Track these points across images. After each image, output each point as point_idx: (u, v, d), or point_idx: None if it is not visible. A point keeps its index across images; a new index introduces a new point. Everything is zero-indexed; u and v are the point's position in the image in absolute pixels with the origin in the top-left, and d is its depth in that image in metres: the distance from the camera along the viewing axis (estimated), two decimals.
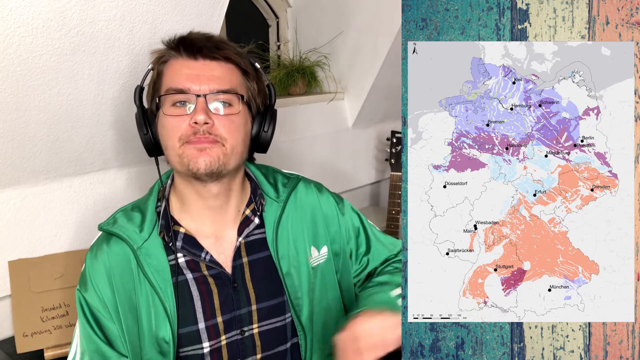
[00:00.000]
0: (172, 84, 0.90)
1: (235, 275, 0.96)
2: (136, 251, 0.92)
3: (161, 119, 0.92)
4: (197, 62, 0.90)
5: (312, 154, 1.98)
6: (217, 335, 0.94)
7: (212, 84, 0.89)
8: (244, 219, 0.99)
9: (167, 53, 0.93)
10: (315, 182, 1.10)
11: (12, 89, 1.08)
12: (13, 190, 1.25)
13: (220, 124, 0.89)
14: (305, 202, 1.05)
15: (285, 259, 0.99)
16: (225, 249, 0.97)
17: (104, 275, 0.92)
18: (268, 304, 0.97)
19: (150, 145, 0.94)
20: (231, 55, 0.92)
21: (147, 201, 0.98)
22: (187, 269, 0.94)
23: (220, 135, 0.89)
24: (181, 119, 0.88)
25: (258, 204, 1.00)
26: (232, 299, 0.95)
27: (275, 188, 1.03)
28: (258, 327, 0.96)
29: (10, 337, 1.28)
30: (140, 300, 0.91)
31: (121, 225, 0.94)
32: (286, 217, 1.01)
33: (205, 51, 0.90)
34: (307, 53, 2.05)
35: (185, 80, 0.89)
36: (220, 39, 0.94)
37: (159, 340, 0.91)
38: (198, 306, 0.93)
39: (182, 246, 0.94)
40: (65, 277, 1.30)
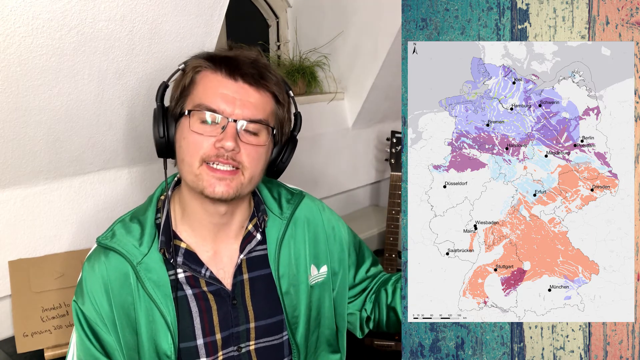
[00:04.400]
0: (206, 100, 0.87)
1: (234, 292, 0.95)
2: (136, 267, 0.90)
3: (184, 131, 0.88)
4: (236, 83, 0.87)
5: (312, 154, 1.98)
6: (215, 351, 0.93)
7: (246, 111, 0.87)
8: (247, 234, 0.98)
9: (204, 63, 0.89)
10: (318, 200, 1.10)
11: (12, 89, 1.08)
12: (13, 190, 1.25)
13: (245, 152, 0.87)
14: (308, 218, 1.03)
15: (285, 277, 0.98)
16: (225, 264, 0.96)
17: (101, 287, 0.91)
18: (266, 322, 0.97)
19: (163, 148, 0.91)
20: (272, 87, 0.90)
21: (146, 211, 0.95)
22: (187, 284, 0.93)
23: (242, 163, 0.87)
24: (206, 139, 0.86)
25: (261, 219, 0.99)
26: (231, 315, 0.94)
27: (279, 204, 1.02)
28: (255, 344, 0.96)
29: (10, 337, 1.28)
30: (139, 314, 0.90)
31: (119, 239, 0.92)
32: (289, 235, 1.00)
33: (248, 77, 0.88)
34: (307, 53, 2.05)
35: (220, 100, 0.86)
36: (264, 65, 0.91)
37: (160, 354, 0.90)
38: (197, 322, 0.92)
39: (183, 262, 0.93)
40: (65, 277, 1.30)
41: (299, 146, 0.99)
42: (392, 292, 1.06)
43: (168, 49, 1.26)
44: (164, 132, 0.90)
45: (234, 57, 0.89)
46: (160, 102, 0.92)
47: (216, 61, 0.88)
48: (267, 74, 0.89)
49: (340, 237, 1.07)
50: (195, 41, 1.29)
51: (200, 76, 0.89)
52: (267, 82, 0.89)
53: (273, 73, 0.91)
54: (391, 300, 1.05)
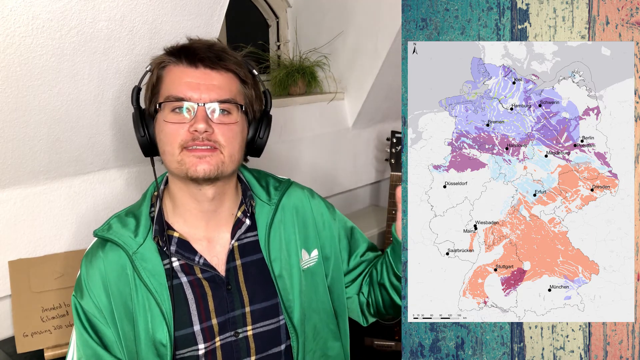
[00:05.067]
0: (173, 91, 0.91)
1: (228, 277, 0.97)
2: (131, 256, 0.93)
3: (160, 124, 0.93)
4: (198, 70, 0.92)
5: (312, 154, 1.98)
6: (212, 337, 0.95)
7: (212, 93, 0.91)
8: (236, 221, 1.00)
9: (167, 59, 0.94)
10: (307, 188, 1.12)
11: (12, 89, 1.08)
12: (13, 190, 1.25)
13: (219, 132, 0.91)
14: (296, 205, 1.06)
15: (277, 261, 1.00)
16: (218, 251, 0.99)
17: (99, 281, 0.93)
18: (261, 306, 0.98)
19: (147, 146, 0.96)
20: (231, 66, 0.94)
21: (140, 206, 0.99)
22: (182, 272, 0.95)
23: (219, 142, 0.91)
24: (180, 126, 0.90)
25: (248, 205, 1.02)
26: (226, 300, 0.96)
27: (267, 191, 1.05)
28: (252, 329, 0.98)
29: (10, 337, 1.28)
30: (136, 304, 0.92)
31: (116, 231, 0.95)
32: (278, 220, 1.03)
33: (207, 61, 0.92)
34: (307, 53, 2.05)
35: (186, 88, 0.91)
36: (221, 48, 0.95)
37: (156, 343, 0.92)
38: (193, 309, 0.94)
39: (177, 250, 0.96)
40: (65, 277, 1.30)
41: (299, 146, 0.99)
42: (380, 269, 1.06)
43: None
44: (144, 132, 0.95)
45: (190, 45, 0.94)
46: (136, 105, 0.97)
47: (175, 53, 0.93)
48: (224, 55, 0.94)
49: (329, 223, 1.09)
50: None
51: (165, 71, 0.94)
52: (225, 62, 0.93)
53: (231, 54, 0.95)
54: (380, 277, 1.06)
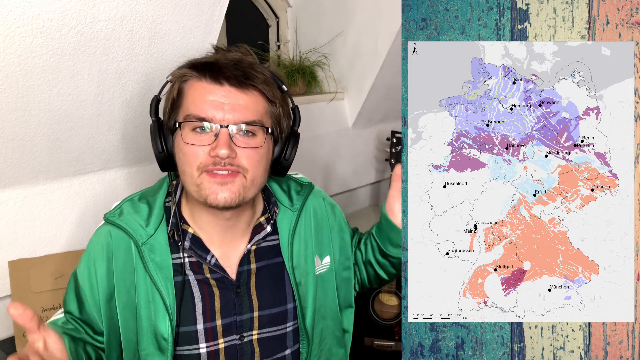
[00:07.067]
0: (194, 110, 0.85)
1: (239, 280, 0.95)
2: (140, 247, 0.91)
3: (179, 143, 0.88)
4: (222, 87, 0.85)
5: (312, 154, 1.98)
6: (215, 338, 0.94)
7: (237, 115, 0.85)
8: (257, 225, 0.98)
9: (189, 72, 0.88)
10: (324, 193, 1.10)
11: (12, 89, 1.08)
12: (13, 190, 1.25)
13: (243, 155, 0.86)
14: (315, 210, 1.04)
15: (298, 268, 0.99)
16: (232, 254, 0.97)
17: (103, 251, 0.92)
18: (270, 312, 0.97)
19: (165, 162, 0.91)
20: (259, 85, 0.87)
21: (156, 193, 0.96)
22: (190, 270, 0.94)
23: (242, 166, 0.86)
24: (201, 148, 0.85)
25: (272, 212, 0.99)
26: (234, 303, 0.94)
27: (289, 196, 1.02)
28: (258, 333, 0.96)
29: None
30: (139, 295, 0.91)
31: (127, 217, 0.93)
32: (300, 226, 1.01)
33: (232, 80, 0.85)
34: (307, 53, 2.05)
35: (208, 107, 0.85)
36: (249, 64, 0.88)
37: (157, 336, 0.91)
38: (198, 307, 0.93)
39: (190, 246, 0.93)
40: (65, 277, 1.30)
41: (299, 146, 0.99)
42: (364, 249, 1.08)
43: (168, 49, 1.26)
44: (162, 147, 0.90)
45: (215, 61, 0.87)
46: (155, 117, 0.92)
47: (199, 68, 0.87)
48: (252, 73, 0.87)
49: (339, 225, 1.08)
50: (195, 41, 1.29)
51: (187, 85, 0.88)
52: (253, 81, 0.87)
53: (259, 71, 0.88)
54: (365, 256, 1.07)
